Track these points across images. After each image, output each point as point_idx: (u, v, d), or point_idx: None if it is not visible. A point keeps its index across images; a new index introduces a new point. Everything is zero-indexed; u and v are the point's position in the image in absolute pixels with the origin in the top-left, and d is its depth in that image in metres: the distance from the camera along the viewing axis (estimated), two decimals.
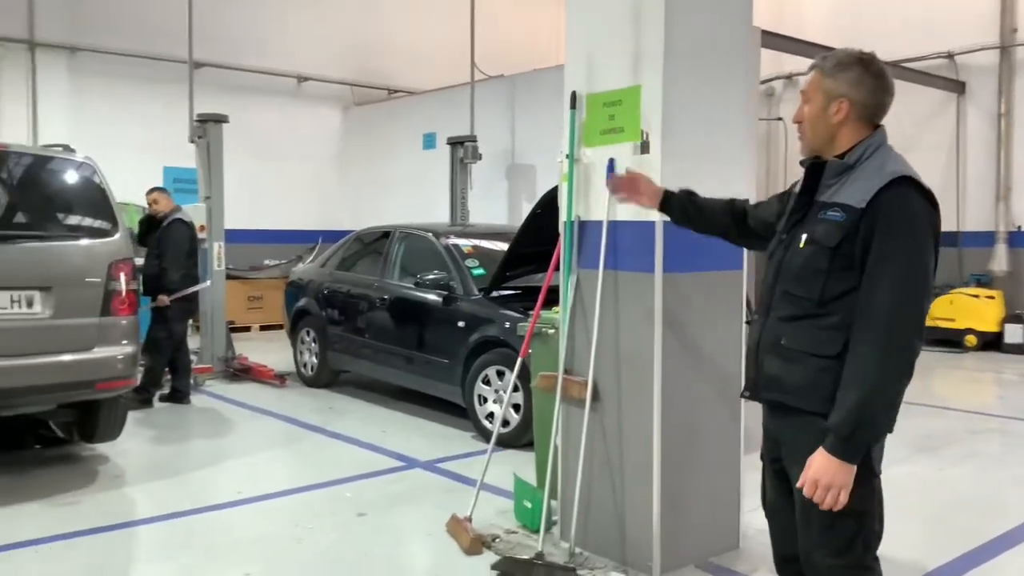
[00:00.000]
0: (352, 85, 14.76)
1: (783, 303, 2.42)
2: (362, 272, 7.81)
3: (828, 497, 2.22)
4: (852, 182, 2.33)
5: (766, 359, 2.45)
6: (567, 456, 4.07)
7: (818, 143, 2.44)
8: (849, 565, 2.36)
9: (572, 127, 4.01)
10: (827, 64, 2.42)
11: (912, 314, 2.22)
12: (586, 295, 3.98)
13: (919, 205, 2.26)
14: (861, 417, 2.19)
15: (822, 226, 2.34)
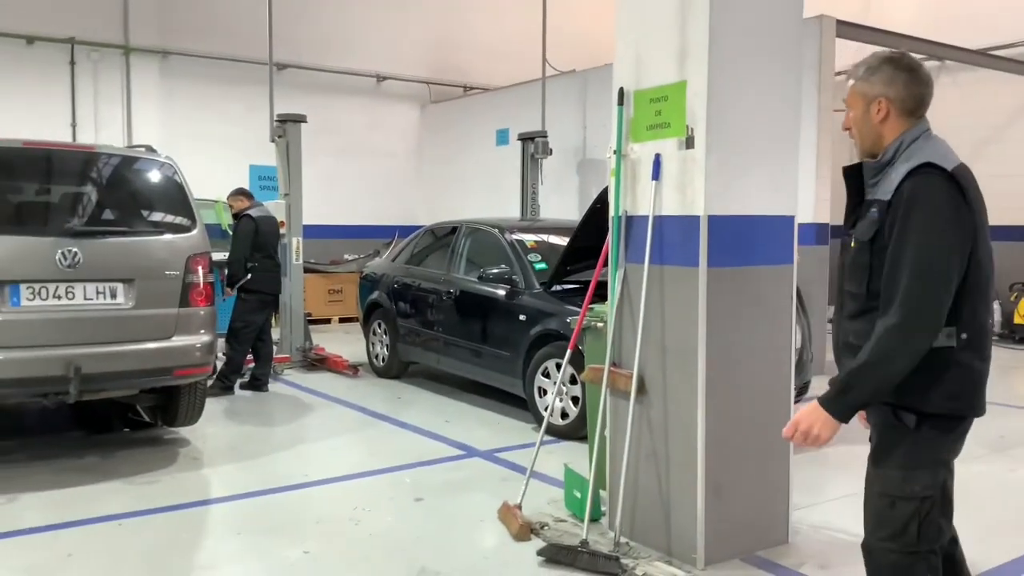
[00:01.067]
0: (429, 83, 15.04)
1: (847, 302, 2.57)
2: (431, 266, 8.00)
3: (806, 441, 2.40)
4: (887, 178, 2.43)
5: (843, 357, 2.57)
6: (615, 447, 4.14)
7: (868, 143, 2.55)
8: (901, 549, 2.41)
9: (620, 123, 4.07)
10: (859, 71, 2.55)
11: (924, 291, 2.27)
12: (633, 289, 4.03)
13: (937, 186, 2.31)
14: (854, 379, 2.35)
15: (863, 225, 2.46)
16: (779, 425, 3.99)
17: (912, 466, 2.40)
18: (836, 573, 3.74)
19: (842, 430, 2.41)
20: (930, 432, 2.40)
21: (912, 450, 2.40)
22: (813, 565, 3.81)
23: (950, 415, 2.40)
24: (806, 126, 8.38)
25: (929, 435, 2.40)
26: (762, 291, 3.91)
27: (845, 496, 4.86)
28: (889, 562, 2.46)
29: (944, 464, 2.45)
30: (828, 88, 8.68)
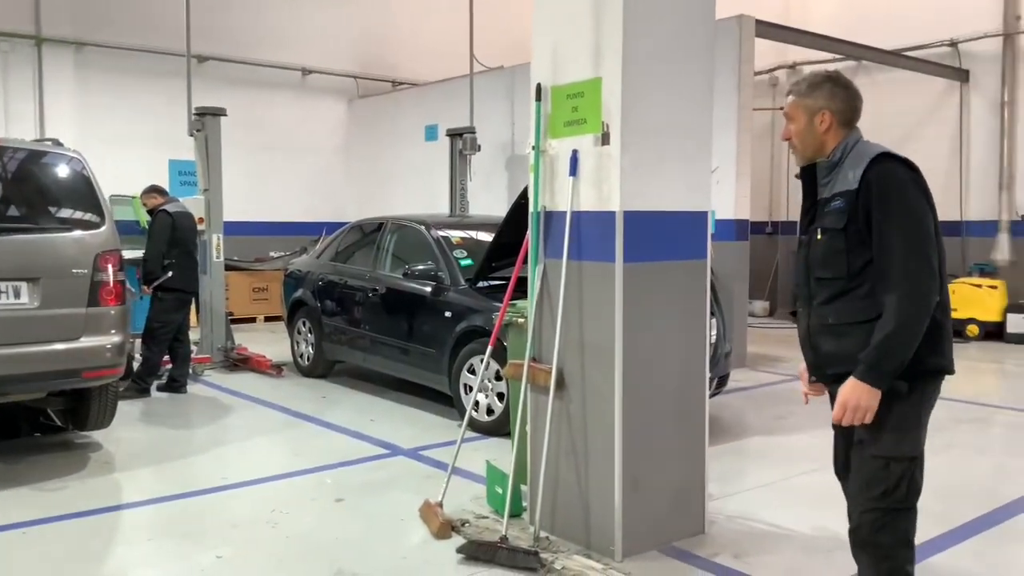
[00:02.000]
0: (356, 77, 14.87)
1: (820, 289, 2.80)
2: (356, 263, 7.91)
3: (856, 417, 2.60)
4: (842, 174, 2.75)
5: (820, 340, 2.82)
6: (535, 442, 4.14)
7: (810, 152, 2.87)
8: (891, 505, 2.69)
9: (538, 119, 4.07)
10: (802, 87, 2.88)
11: (918, 259, 2.58)
12: (552, 285, 4.04)
13: (901, 171, 2.66)
14: (886, 348, 2.57)
15: (829, 216, 2.74)
16: (695, 418, 4.10)
17: (904, 428, 2.67)
18: (750, 562, 3.82)
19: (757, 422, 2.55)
20: (918, 395, 2.68)
21: (904, 413, 2.66)
22: (728, 554, 3.88)
23: (936, 371, 2.70)
24: (727, 125, 8.57)
25: (916, 398, 2.68)
26: (677, 286, 3.97)
27: (761, 486, 5.00)
28: (873, 520, 2.70)
29: (926, 424, 2.74)
30: (748, 87, 8.87)
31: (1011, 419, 6.85)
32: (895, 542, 2.72)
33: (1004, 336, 10.77)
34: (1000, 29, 11.33)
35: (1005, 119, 11.32)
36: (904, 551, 2.73)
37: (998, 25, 11.35)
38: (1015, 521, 4.39)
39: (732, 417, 6.66)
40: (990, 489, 4.90)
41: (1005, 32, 11.29)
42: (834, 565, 3.67)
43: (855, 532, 2.79)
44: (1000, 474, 5.35)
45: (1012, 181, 11.31)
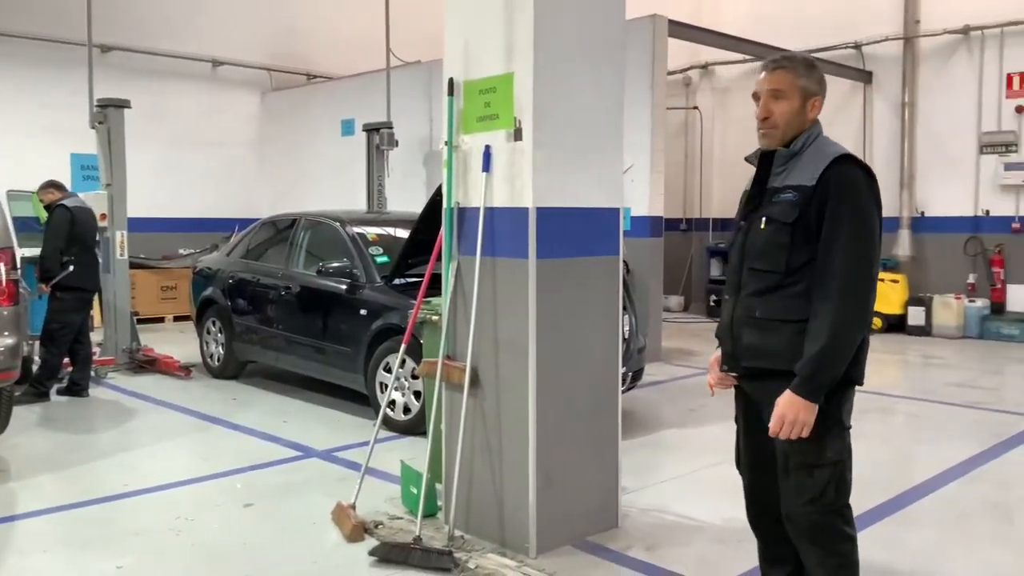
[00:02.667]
0: (269, 70, 14.50)
1: (752, 280, 2.70)
2: (269, 261, 7.70)
3: (792, 432, 2.53)
4: (799, 167, 2.64)
5: (743, 332, 2.71)
6: (449, 440, 4.10)
7: (789, 136, 2.69)
8: (824, 510, 2.64)
9: (450, 114, 4.03)
10: (797, 65, 2.70)
11: (863, 272, 2.52)
12: (466, 281, 4.00)
13: (860, 177, 2.58)
14: (823, 362, 2.50)
15: (778, 207, 2.63)
16: (608, 412, 4.12)
17: (827, 435, 2.60)
18: (662, 554, 3.87)
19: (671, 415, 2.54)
20: (837, 402, 2.62)
21: (825, 421, 2.58)
22: (640, 547, 3.92)
23: (852, 381, 2.64)
24: (641, 123, 8.68)
25: (836, 405, 2.62)
26: (590, 282, 3.98)
27: (673, 478, 5.08)
28: (810, 523, 2.66)
29: (848, 428, 2.68)
30: (661, 86, 9.00)
31: (912, 408, 7.13)
32: (837, 539, 2.66)
33: (905, 328, 11.24)
34: (901, 32, 11.79)
35: (906, 119, 11.79)
36: (846, 544, 2.68)
37: (899, 29, 11.81)
38: (916, 506, 4.57)
39: (646, 411, 6.75)
40: (893, 476, 5.09)
41: (905, 35, 11.75)
42: (743, 555, 3.73)
43: (791, 521, 2.70)
44: (902, 461, 5.57)
45: (912, 180, 11.79)
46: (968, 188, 11.34)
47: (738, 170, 14.33)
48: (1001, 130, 11.00)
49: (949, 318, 11.03)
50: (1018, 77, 10.83)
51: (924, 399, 7.39)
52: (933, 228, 11.69)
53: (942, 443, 5.90)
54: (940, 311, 11.12)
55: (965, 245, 11.34)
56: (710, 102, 13.94)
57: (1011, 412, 6.78)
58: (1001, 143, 11.02)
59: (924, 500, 4.67)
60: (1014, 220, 10.93)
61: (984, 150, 11.18)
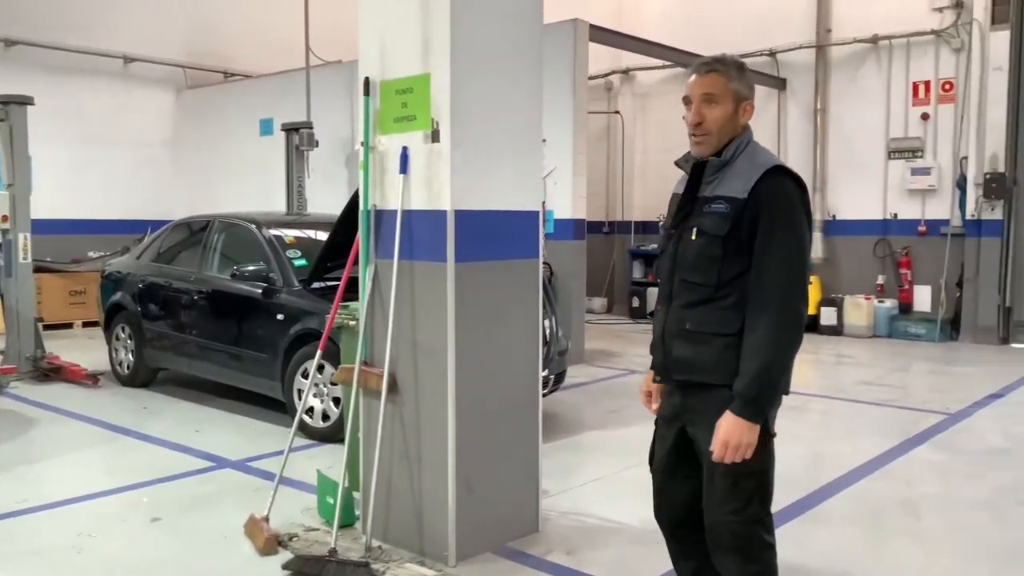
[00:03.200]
0: (185, 67, 14.06)
1: (683, 291, 2.64)
2: (181, 264, 7.45)
3: (737, 455, 2.48)
4: (731, 176, 2.58)
5: (674, 344, 2.66)
6: (367, 448, 4.02)
7: (723, 142, 2.62)
8: (747, 520, 2.61)
9: (367, 114, 3.95)
10: (729, 68, 2.61)
11: (797, 286, 2.50)
12: (383, 286, 3.92)
13: (791, 189, 2.54)
14: (763, 381, 2.46)
15: (709, 219, 2.57)
16: (529, 416, 4.09)
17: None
18: (582, 558, 3.86)
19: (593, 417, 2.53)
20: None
21: None
22: (560, 552, 3.91)
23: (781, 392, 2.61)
24: (563, 127, 8.71)
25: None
26: (510, 285, 3.95)
27: (594, 480, 5.09)
28: (732, 532, 2.62)
29: (774, 437, 2.64)
30: (583, 90, 9.05)
31: (824, 406, 7.33)
32: (757, 547, 2.64)
33: (818, 328, 11.58)
34: (813, 41, 12.15)
35: (818, 125, 12.16)
36: (766, 553, 2.66)
37: (811, 37, 12.17)
38: (828, 504, 4.68)
39: (568, 413, 6.76)
40: (806, 475, 5.21)
41: (817, 44, 12.12)
42: (661, 556, 3.72)
43: (713, 530, 2.66)
44: (815, 459, 5.70)
45: (824, 184, 12.17)
46: (877, 192, 11.76)
47: (659, 173, 14.57)
48: (908, 136, 11.44)
49: (860, 318, 11.41)
50: (923, 85, 11.28)
51: (836, 397, 7.61)
52: (844, 231, 12.09)
53: (852, 440, 6.08)
54: (851, 311, 11.49)
55: (874, 247, 11.75)
56: (631, 106, 14.12)
57: (917, 409, 7.03)
58: (908, 149, 11.46)
59: (835, 498, 4.79)
60: (920, 223, 11.37)
61: (892, 155, 11.61)
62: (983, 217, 10.62)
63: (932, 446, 5.90)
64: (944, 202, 11.18)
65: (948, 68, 11.08)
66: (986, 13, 10.49)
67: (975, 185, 10.65)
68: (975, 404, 7.14)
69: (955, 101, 11.00)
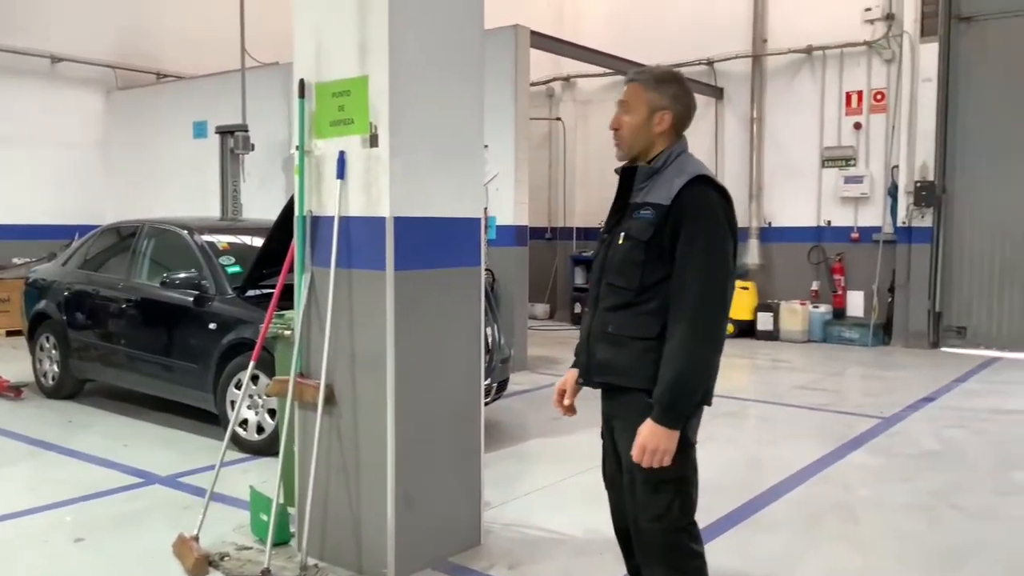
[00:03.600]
0: (116, 68, 13.62)
1: (608, 295, 2.70)
2: (109, 271, 7.17)
3: (655, 460, 2.50)
4: (659, 184, 2.64)
5: (597, 347, 2.71)
6: (303, 463, 3.89)
7: (637, 149, 2.72)
8: (668, 528, 2.64)
9: (302, 117, 3.83)
10: (647, 78, 2.71)
11: (716, 293, 2.52)
12: (320, 294, 3.80)
13: (714, 198, 2.59)
14: (680, 388, 2.49)
15: (636, 224, 2.63)
16: (471, 426, 4.02)
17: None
18: (525, 571, 3.80)
19: (536, 424, 2.52)
20: None
21: None
22: (502, 566, 3.83)
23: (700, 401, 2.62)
24: (505, 133, 8.67)
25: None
26: (451, 294, 3.87)
27: (536, 490, 5.03)
28: (656, 540, 2.66)
29: (694, 445, 2.67)
30: (524, 96, 9.03)
31: (761, 411, 7.41)
32: (683, 555, 2.67)
33: (755, 333, 11.76)
34: (749, 51, 12.35)
35: (754, 134, 12.35)
36: (694, 561, 2.69)
37: (748, 47, 12.37)
38: (767, 510, 4.71)
39: (511, 421, 6.70)
40: (744, 481, 5.23)
41: (754, 54, 12.32)
42: (605, 566, 3.73)
43: (638, 538, 2.72)
44: (753, 465, 5.75)
45: (760, 192, 12.36)
46: (811, 200, 11.99)
47: (600, 180, 14.67)
48: (841, 145, 11.70)
49: (795, 323, 11.61)
50: (856, 95, 11.55)
51: (772, 402, 7.70)
52: (780, 238, 12.29)
53: (790, 445, 6.15)
54: (787, 316, 11.69)
55: (809, 254, 11.98)
56: (572, 113, 14.16)
57: (851, 413, 7.16)
58: (841, 157, 11.72)
59: (774, 504, 4.82)
60: (853, 230, 11.63)
61: (826, 164, 11.85)
62: (914, 224, 10.91)
63: (867, 450, 6.00)
64: (876, 209, 11.46)
65: (880, 79, 11.37)
66: (916, 25, 10.81)
67: (906, 193, 10.93)
68: (908, 408, 7.30)
69: (886, 111, 11.29)
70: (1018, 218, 10.52)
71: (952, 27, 10.72)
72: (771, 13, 12.28)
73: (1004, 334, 10.65)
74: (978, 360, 9.98)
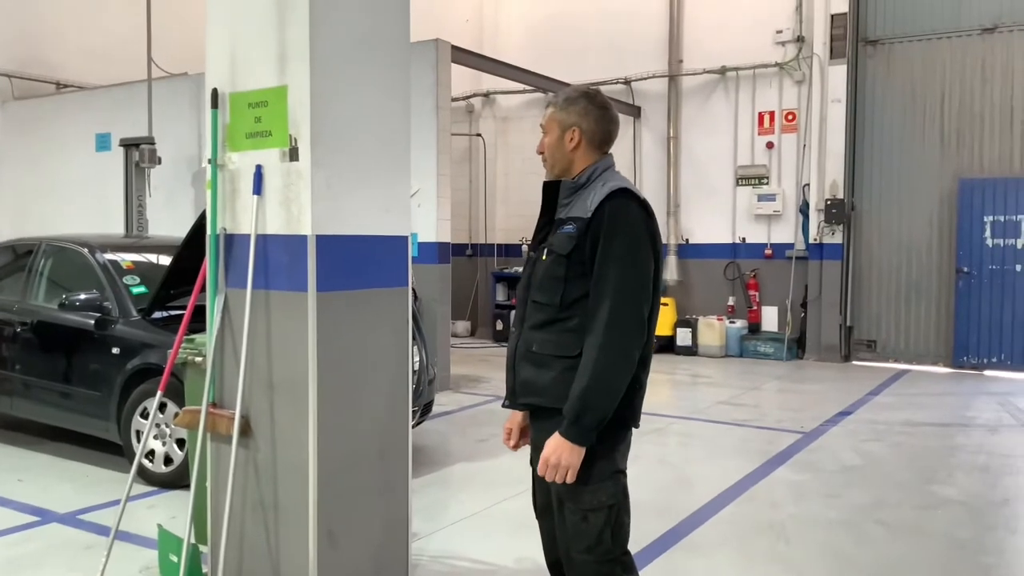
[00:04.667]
0: (11, 76, 12.86)
1: (533, 312, 2.63)
2: (2, 293, 6.68)
3: (558, 476, 2.44)
4: (581, 199, 2.59)
5: (521, 366, 2.64)
6: (216, 498, 3.62)
7: (559, 169, 2.69)
8: (600, 559, 2.54)
9: (215, 129, 3.59)
10: (559, 100, 2.72)
11: (629, 308, 2.45)
12: (235, 317, 3.56)
13: (634, 212, 2.53)
14: (585, 403, 2.41)
15: (558, 239, 2.58)
16: (397, 455, 3.82)
17: (599, 478, 2.51)
18: None
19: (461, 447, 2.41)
20: (606, 445, 2.52)
21: (595, 464, 2.50)
22: None
23: (622, 426, 2.57)
24: (426, 148, 8.51)
25: (606, 448, 2.52)
26: (377, 315, 3.67)
27: (465, 517, 4.87)
28: (590, 572, 2.56)
29: (623, 472, 2.60)
30: (446, 111, 8.90)
31: (685, 428, 7.41)
32: None
33: (674, 348, 11.87)
34: (666, 71, 12.54)
35: (671, 152, 12.54)
36: None
37: (664, 67, 12.55)
38: (698, 532, 4.65)
39: (436, 444, 6.51)
40: (673, 501, 5.17)
41: (670, 74, 12.51)
42: None
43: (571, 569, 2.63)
44: (681, 484, 5.70)
45: (678, 208, 12.53)
46: (727, 217, 12.23)
47: (521, 196, 14.62)
48: (754, 164, 11.97)
49: (713, 338, 11.78)
50: (768, 115, 11.85)
51: (695, 418, 7.72)
52: (697, 254, 12.48)
53: (716, 463, 6.15)
54: (705, 331, 11.85)
55: (725, 270, 12.19)
56: (492, 129, 14.10)
57: (772, 428, 7.24)
58: (754, 176, 11.99)
59: (705, 525, 4.78)
60: (766, 247, 11.89)
61: (740, 182, 12.11)
62: (825, 241, 11.22)
63: (791, 466, 6.04)
64: (788, 227, 11.75)
65: (791, 99, 11.68)
66: (825, 48, 11.16)
67: (817, 211, 11.24)
68: (826, 422, 7.43)
69: (797, 130, 11.61)
70: (923, 234, 10.95)
71: (860, 50, 11.13)
72: (686, 34, 12.50)
73: (911, 347, 11.04)
74: (888, 373, 10.30)
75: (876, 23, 11.13)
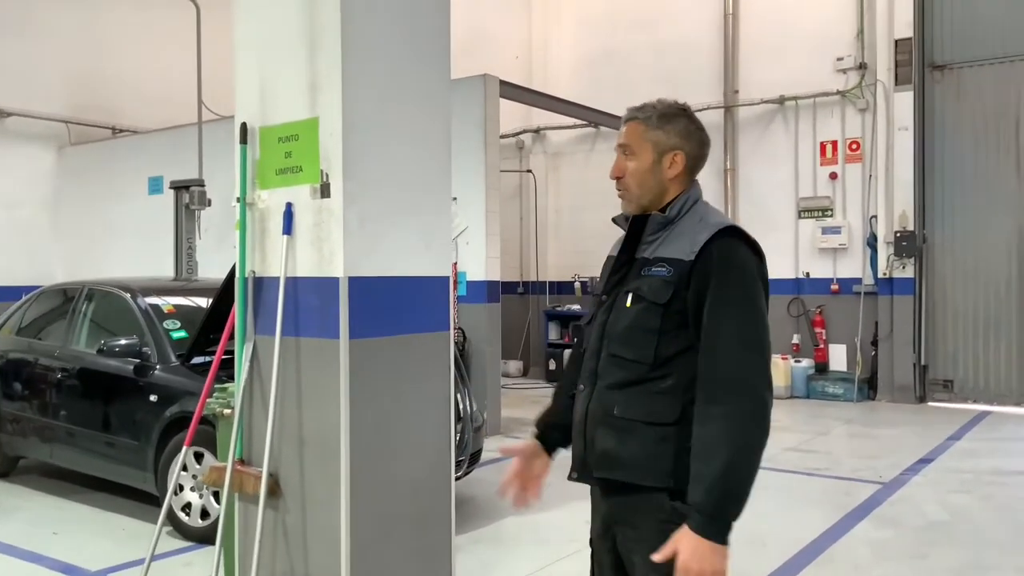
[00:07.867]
0: (68, 122, 13.12)
1: (611, 369, 2.20)
2: (46, 337, 6.60)
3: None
4: (675, 236, 2.19)
5: (597, 433, 2.19)
6: (244, 563, 3.35)
7: (648, 199, 2.26)
8: None
9: (243, 165, 3.40)
10: (649, 115, 2.27)
11: (760, 365, 2.08)
12: (264, 367, 3.31)
13: (746, 254, 2.16)
14: (726, 487, 1.98)
15: (647, 282, 2.16)
16: (439, 513, 3.50)
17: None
18: None
19: None
20: None
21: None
22: None
23: None
24: (475, 185, 8.28)
25: None
26: (416, 363, 3.40)
27: None
28: None
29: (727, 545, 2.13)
30: (495, 147, 8.67)
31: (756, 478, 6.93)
32: None
33: None
34: (721, 102, 12.18)
35: (728, 184, 12.11)
36: None
37: (719, 98, 12.20)
38: None
39: (485, 496, 6.14)
40: (748, 565, 4.71)
41: (725, 104, 12.15)
42: None
43: None
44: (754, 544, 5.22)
45: None
46: (789, 251, 11.71)
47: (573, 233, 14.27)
48: (817, 195, 11.48)
49: (778, 378, 11.19)
50: (831, 145, 11.37)
51: (765, 467, 7.14)
52: None
53: (790, 518, 5.66)
54: None
55: (788, 306, 11.65)
56: (543, 165, 13.87)
57: (848, 479, 6.72)
58: (818, 208, 11.49)
59: None
60: (832, 282, 11.34)
61: (802, 215, 11.61)
62: (895, 275, 10.64)
63: (872, 521, 5.53)
64: (855, 260, 11.20)
65: (854, 128, 11.20)
66: (889, 74, 10.68)
67: (885, 243, 10.69)
68: (907, 471, 6.87)
69: (862, 160, 11.10)
70: (1001, 267, 10.29)
71: (926, 75, 10.62)
72: (742, 64, 12.14)
73: (992, 387, 10.33)
74: (968, 415, 9.63)
75: (943, 47, 10.62)
